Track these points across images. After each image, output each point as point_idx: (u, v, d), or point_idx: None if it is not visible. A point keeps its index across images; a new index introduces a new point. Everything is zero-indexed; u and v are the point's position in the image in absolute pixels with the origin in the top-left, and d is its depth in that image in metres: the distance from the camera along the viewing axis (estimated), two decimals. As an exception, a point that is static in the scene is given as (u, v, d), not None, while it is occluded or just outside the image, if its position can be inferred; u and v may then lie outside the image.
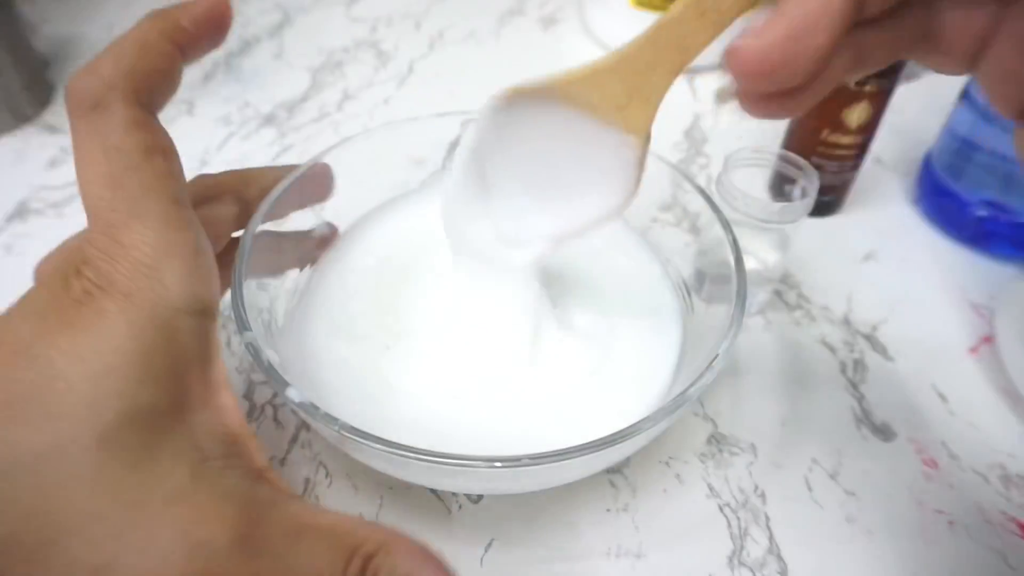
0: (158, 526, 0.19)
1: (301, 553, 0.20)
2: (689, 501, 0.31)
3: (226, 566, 0.19)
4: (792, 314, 0.40)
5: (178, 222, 0.22)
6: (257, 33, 0.62)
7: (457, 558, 0.29)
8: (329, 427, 0.23)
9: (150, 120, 0.22)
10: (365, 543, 0.20)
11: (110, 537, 0.18)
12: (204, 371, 0.22)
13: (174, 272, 0.21)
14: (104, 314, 0.20)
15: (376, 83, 0.56)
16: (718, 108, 0.21)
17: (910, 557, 0.30)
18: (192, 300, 0.21)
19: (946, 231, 0.45)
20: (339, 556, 0.20)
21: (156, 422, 0.20)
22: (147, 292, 0.20)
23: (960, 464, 0.33)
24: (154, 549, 0.19)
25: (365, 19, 0.64)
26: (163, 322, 0.21)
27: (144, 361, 0.20)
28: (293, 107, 0.53)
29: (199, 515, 0.19)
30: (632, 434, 0.24)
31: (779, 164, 0.37)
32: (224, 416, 0.22)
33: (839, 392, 0.36)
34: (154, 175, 0.21)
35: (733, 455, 0.33)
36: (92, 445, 0.19)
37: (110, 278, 0.20)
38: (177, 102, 0.53)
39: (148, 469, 0.19)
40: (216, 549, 0.19)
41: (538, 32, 0.64)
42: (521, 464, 0.23)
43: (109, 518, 0.18)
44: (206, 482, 0.20)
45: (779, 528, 0.30)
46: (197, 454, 0.21)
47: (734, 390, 0.36)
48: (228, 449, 0.21)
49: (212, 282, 0.23)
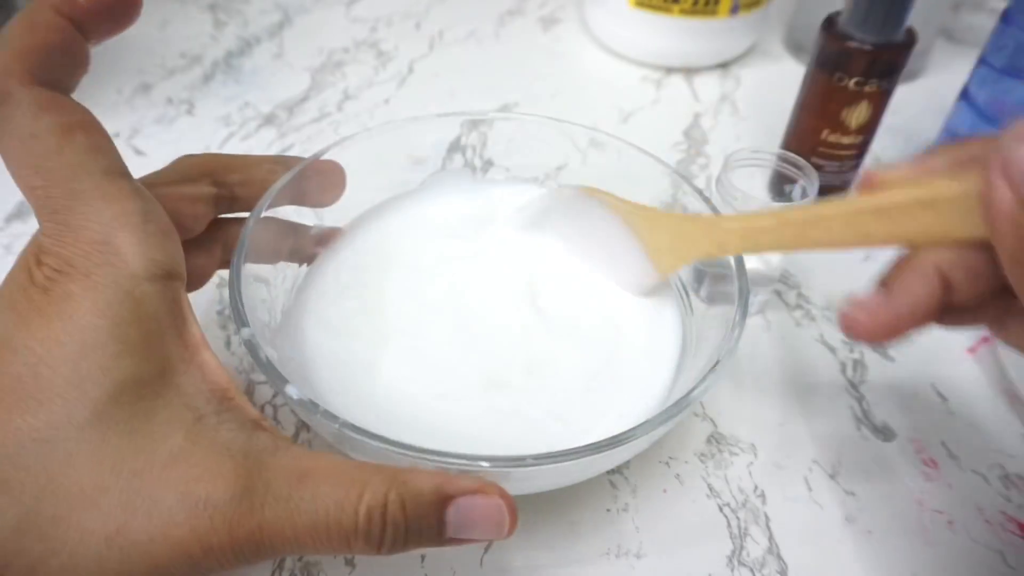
0: (160, 489, 0.19)
1: (306, 496, 0.20)
2: (689, 501, 0.31)
3: (231, 518, 0.19)
4: (792, 314, 0.40)
5: (117, 192, 0.22)
6: (257, 33, 0.62)
7: (457, 558, 0.29)
8: (329, 425, 0.23)
9: (59, 99, 0.22)
10: (373, 478, 0.20)
11: (117, 506, 0.19)
12: (180, 333, 0.22)
13: (126, 242, 0.21)
14: (70, 297, 0.21)
15: (376, 83, 0.56)
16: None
17: (910, 557, 0.30)
18: (150, 265, 0.22)
19: (946, 231, 0.45)
20: (349, 492, 0.20)
21: (144, 390, 0.21)
22: (104, 267, 0.21)
23: (960, 464, 0.33)
24: (159, 511, 0.19)
25: (365, 19, 0.64)
26: (126, 293, 0.21)
27: (118, 334, 0.21)
28: (293, 107, 0.53)
29: (198, 472, 0.20)
30: (632, 437, 0.24)
31: (779, 164, 0.37)
32: (209, 373, 0.22)
33: (839, 392, 0.36)
34: (78, 153, 0.21)
35: (733, 455, 0.33)
36: (86, 422, 0.20)
37: (68, 261, 0.21)
38: (177, 102, 0.53)
39: (144, 436, 0.20)
40: (218, 503, 0.19)
41: (538, 32, 0.64)
42: (525, 464, 0.23)
43: (114, 488, 0.19)
44: (202, 440, 0.21)
45: (779, 528, 0.30)
46: (190, 414, 0.21)
47: (734, 390, 0.36)
48: (220, 404, 0.22)
49: (168, 245, 0.23)
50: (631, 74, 0.59)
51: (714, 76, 0.60)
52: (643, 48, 0.59)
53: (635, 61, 0.60)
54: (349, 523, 0.20)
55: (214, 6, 0.64)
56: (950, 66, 0.60)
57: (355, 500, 0.20)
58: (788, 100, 0.44)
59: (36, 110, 0.21)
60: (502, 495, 0.21)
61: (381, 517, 0.20)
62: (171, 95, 0.54)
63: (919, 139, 0.50)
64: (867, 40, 0.39)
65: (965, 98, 0.42)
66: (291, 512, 0.20)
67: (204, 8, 0.64)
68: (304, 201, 0.33)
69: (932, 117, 0.47)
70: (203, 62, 0.57)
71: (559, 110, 0.54)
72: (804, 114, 0.43)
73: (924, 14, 0.48)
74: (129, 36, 0.24)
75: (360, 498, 0.20)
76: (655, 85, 0.58)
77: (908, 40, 0.39)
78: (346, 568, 0.28)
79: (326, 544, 0.20)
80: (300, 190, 0.32)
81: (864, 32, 0.39)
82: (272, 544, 0.20)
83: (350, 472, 0.20)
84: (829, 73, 0.40)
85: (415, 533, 0.20)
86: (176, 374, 0.22)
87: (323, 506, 0.20)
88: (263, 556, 0.20)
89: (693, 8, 0.55)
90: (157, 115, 0.52)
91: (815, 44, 0.41)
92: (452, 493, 0.21)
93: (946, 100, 0.44)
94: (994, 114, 0.40)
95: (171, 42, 0.59)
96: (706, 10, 0.55)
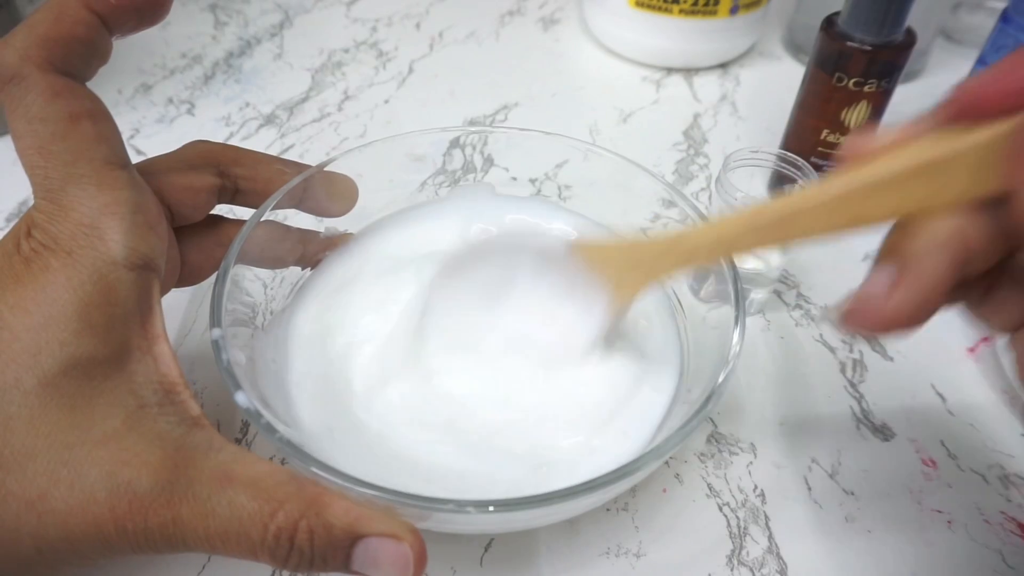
0: (87, 465, 0.20)
1: (224, 500, 0.20)
2: (689, 500, 0.31)
3: (149, 506, 0.20)
4: (792, 314, 0.40)
5: (113, 182, 0.23)
6: (257, 33, 0.62)
7: (457, 558, 0.29)
8: (270, 439, 0.23)
9: (73, 86, 0.23)
10: (290, 499, 0.20)
11: (42, 474, 0.20)
12: (143, 322, 0.23)
13: (113, 229, 0.22)
14: (48, 270, 0.22)
15: (376, 83, 0.56)
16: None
17: (909, 556, 0.30)
18: (131, 254, 0.23)
19: (945, 231, 0.45)
20: (263, 508, 0.20)
21: (95, 370, 0.21)
22: (87, 249, 0.22)
23: (959, 464, 0.33)
24: (81, 486, 0.20)
25: (365, 19, 0.64)
26: (101, 276, 0.22)
27: (83, 313, 0.21)
28: (293, 107, 0.53)
29: (127, 456, 0.21)
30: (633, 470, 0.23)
31: (778, 164, 0.37)
32: (161, 365, 0.23)
33: (838, 392, 0.36)
34: (82, 140, 0.22)
35: (733, 455, 0.33)
36: (33, 389, 0.20)
37: (55, 237, 0.22)
38: (177, 102, 0.53)
39: (84, 413, 0.21)
40: (139, 489, 0.20)
41: (538, 32, 0.64)
42: (451, 510, 0.22)
43: (42, 456, 0.20)
44: (138, 427, 0.21)
45: (778, 528, 0.30)
46: (134, 400, 0.22)
47: (734, 390, 0.36)
48: (164, 397, 0.23)
49: (152, 238, 0.24)
50: (631, 74, 0.59)
51: (714, 76, 0.60)
52: (643, 48, 0.59)
53: (635, 61, 0.60)
54: (258, 537, 0.20)
55: (214, 6, 0.64)
56: (950, 66, 0.60)
57: (267, 517, 0.20)
58: (788, 100, 0.44)
59: (49, 95, 0.22)
60: (412, 542, 0.21)
61: (289, 540, 0.20)
62: (172, 95, 0.54)
63: (919, 139, 0.50)
64: (867, 40, 0.39)
65: (965, 98, 0.42)
66: (206, 513, 0.20)
67: (204, 8, 0.64)
68: (311, 209, 0.33)
69: (932, 117, 0.47)
70: (203, 62, 0.58)
71: (559, 110, 0.54)
72: (804, 114, 0.43)
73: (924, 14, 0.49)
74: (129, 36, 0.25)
75: (273, 516, 0.20)
76: (655, 85, 0.58)
77: (908, 40, 0.39)
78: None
79: (234, 550, 0.20)
80: (308, 197, 0.32)
81: (864, 32, 0.39)
82: (183, 539, 0.20)
83: (270, 488, 0.21)
84: (829, 73, 0.40)
85: (320, 561, 0.21)
86: (130, 361, 0.22)
87: (237, 515, 0.20)
88: (174, 549, 0.20)
89: (693, 8, 0.55)
90: (158, 115, 0.52)
91: (815, 44, 0.41)
92: (363, 533, 0.21)
93: (946, 100, 0.44)
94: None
95: (172, 42, 0.59)
96: (706, 10, 0.55)
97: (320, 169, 0.32)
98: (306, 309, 0.32)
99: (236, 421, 0.33)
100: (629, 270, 0.28)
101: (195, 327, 0.37)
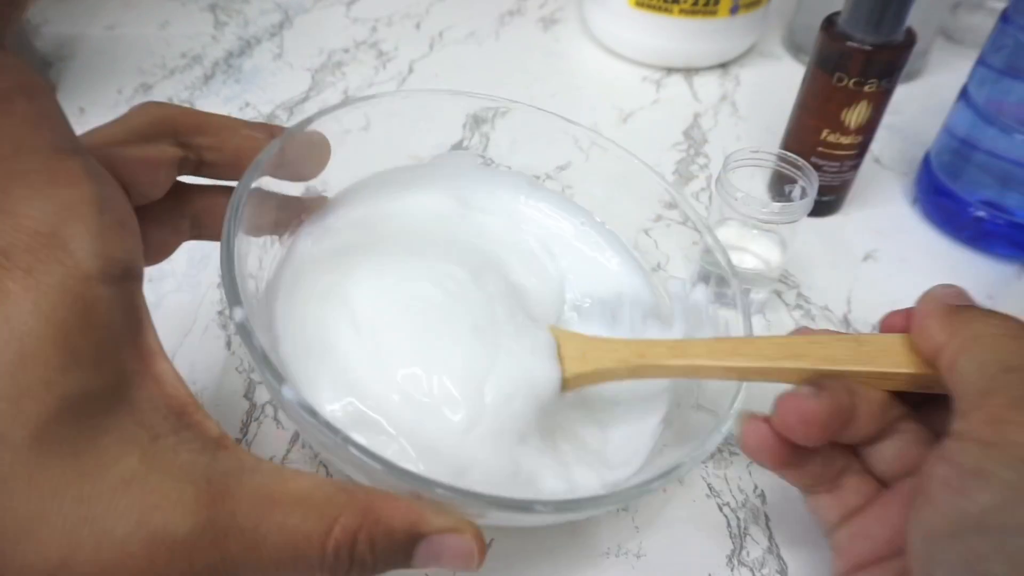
0: (111, 517, 0.17)
1: (273, 527, 0.18)
2: (689, 501, 0.31)
3: (193, 550, 0.18)
4: (792, 314, 0.40)
5: (67, 174, 0.19)
6: (257, 33, 0.62)
7: (457, 558, 0.29)
8: (332, 439, 0.21)
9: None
10: (344, 511, 0.19)
11: (58, 538, 0.17)
12: (135, 342, 0.20)
13: (77, 236, 0.18)
14: (8, 296, 0.17)
15: (376, 83, 0.56)
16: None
17: (909, 556, 0.30)
18: (105, 264, 0.19)
19: (945, 231, 0.45)
20: (318, 526, 0.19)
21: (92, 407, 0.18)
22: (50, 264, 0.18)
23: (959, 464, 0.33)
24: (109, 544, 0.17)
25: (365, 19, 0.64)
26: (76, 296, 0.18)
27: (63, 342, 0.18)
28: (293, 107, 0.53)
29: (155, 500, 0.18)
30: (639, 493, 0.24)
31: (778, 164, 0.37)
32: (166, 387, 0.20)
33: (838, 392, 0.36)
34: (19, 124, 0.18)
35: (733, 455, 0.33)
36: (24, 443, 0.17)
37: (5, 254, 0.17)
38: (178, 102, 0.53)
39: (91, 458, 0.18)
40: (178, 534, 0.18)
41: (538, 32, 0.64)
42: (524, 509, 0.22)
43: (54, 517, 0.17)
44: (159, 463, 0.18)
45: (778, 528, 0.30)
46: (145, 433, 0.19)
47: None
48: (178, 422, 0.20)
49: (127, 239, 0.20)
50: (631, 74, 0.59)
51: (714, 76, 0.60)
52: (643, 48, 0.59)
53: (635, 61, 0.60)
54: (316, 558, 0.19)
55: (214, 6, 0.64)
56: (949, 66, 0.60)
57: (324, 534, 0.19)
58: (788, 100, 0.44)
59: None
60: (475, 535, 0.21)
61: (349, 555, 0.19)
62: (171, 95, 0.54)
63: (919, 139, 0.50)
64: (867, 40, 0.39)
65: (964, 98, 0.42)
66: (257, 544, 0.18)
67: (204, 8, 0.64)
68: (284, 174, 0.30)
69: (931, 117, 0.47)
70: (203, 62, 0.57)
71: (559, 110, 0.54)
72: (804, 114, 0.43)
73: (923, 14, 0.49)
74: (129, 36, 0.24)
75: (329, 533, 0.19)
76: (655, 85, 0.58)
77: (907, 40, 0.39)
78: (346, 568, 0.28)
79: (290, 574, 0.19)
80: (281, 161, 0.29)
81: (864, 32, 0.39)
82: (235, 575, 0.19)
83: (321, 504, 0.19)
84: (829, 73, 0.40)
85: (382, 565, 0.20)
86: (130, 388, 0.19)
87: (290, 539, 0.19)
88: None
89: (693, 8, 0.55)
90: (157, 115, 0.52)
91: (815, 44, 0.41)
92: (424, 532, 0.20)
93: (945, 100, 0.44)
94: (993, 114, 0.40)
95: (171, 42, 0.59)
96: (706, 10, 0.55)
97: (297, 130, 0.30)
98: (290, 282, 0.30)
99: (236, 420, 0.33)
100: (590, 351, 0.29)
101: (195, 327, 0.37)
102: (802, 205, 0.35)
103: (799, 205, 0.35)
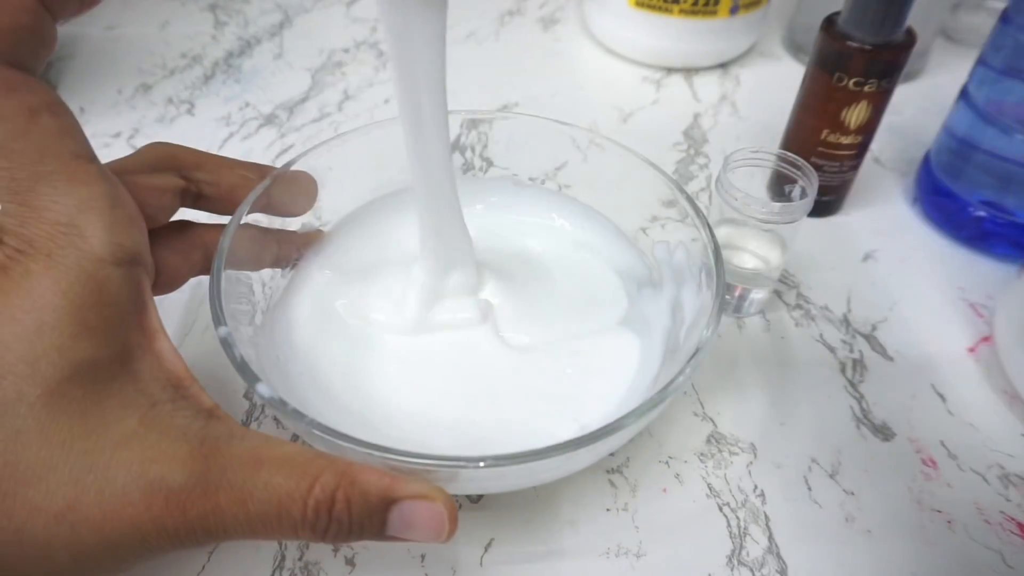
0: (113, 469, 0.20)
1: (260, 483, 0.20)
2: (689, 501, 0.31)
3: (186, 499, 0.20)
4: (792, 314, 0.40)
5: (85, 176, 0.22)
6: (257, 33, 0.62)
7: (457, 558, 0.29)
8: (297, 424, 0.24)
9: (27, 80, 0.21)
10: (324, 472, 0.21)
11: (67, 483, 0.19)
12: (140, 319, 0.23)
13: (92, 225, 0.21)
14: (30, 275, 0.20)
15: (376, 83, 0.56)
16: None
17: (909, 556, 0.30)
18: (116, 250, 0.22)
19: (945, 231, 0.45)
20: (300, 484, 0.20)
21: (99, 373, 0.21)
22: (68, 249, 0.21)
23: (959, 464, 0.33)
24: (111, 490, 0.20)
25: (365, 19, 0.64)
26: (89, 276, 0.21)
27: (77, 315, 0.21)
28: (293, 107, 0.53)
29: (152, 454, 0.20)
30: (613, 430, 0.24)
31: (778, 164, 0.37)
32: (165, 361, 0.23)
33: (839, 392, 0.36)
34: (45, 134, 0.21)
35: (733, 455, 0.33)
36: (38, 400, 0.20)
37: (30, 241, 0.21)
38: (177, 102, 0.53)
39: (96, 418, 0.20)
40: (173, 484, 0.20)
41: (538, 32, 0.64)
42: (475, 465, 0.23)
43: (63, 466, 0.19)
44: (157, 425, 0.21)
45: (778, 527, 0.30)
46: (145, 400, 0.21)
47: (734, 390, 0.36)
48: (175, 392, 0.22)
49: (134, 232, 0.23)
50: (631, 74, 0.59)
51: (714, 76, 0.60)
52: (643, 48, 0.59)
53: (635, 61, 0.60)
54: (298, 514, 0.20)
55: (214, 6, 0.64)
56: (949, 66, 0.60)
57: (305, 492, 0.20)
58: (788, 100, 0.44)
59: (4, 91, 0.21)
60: (445, 502, 0.22)
61: (328, 512, 0.21)
62: (171, 95, 0.54)
63: (919, 139, 0.50)
64: (867, 40, 0.39)
65: (964, 98, 0.42)
66: (244, 498, 0.20)
67: (204, 8, 0.64)
68: (275, 210, 0.33)
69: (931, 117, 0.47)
70: (203, 62, 0.58)
71: (559, 110, 0.54)
72: (804, 114, 0.43)
73: (923, 14, 0.49)
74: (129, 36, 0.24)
75: (310, 491, 0.20)
76: (655, 85, 0.58)
77: (907, 40, 0.39)
78: (346, 568, 0.28)
79: (275, 531, 0.21)
80: (271, 200, 0.31)
81: (863, 32, 0.39)
82: (224, 527, 0.20)
83: (302, 464, 0.21)
84: (828, 73, 0.40)
85: (357, 528, 0.21)
86: (133, 360, 0.22)
87: (275, 495, 0.20)
88: (213, 539, 0.20)
89: (693, 8, 0.55)
90: (158, 115, 0.52)
91: (815, 44, 0.41)
92: (397, 496, 0.21)
93: (945, 100, 0.44)
94: (993, 114, 0.40)
95: (171, 42, 0.59)
96: (706, 10, 0.55)
97: (284, 170, 0.32)
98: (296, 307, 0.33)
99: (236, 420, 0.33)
100: None
101: (195, 327, 0.37)
102: (802, 205, 0.35)
103: (799, 205, 0.35)
